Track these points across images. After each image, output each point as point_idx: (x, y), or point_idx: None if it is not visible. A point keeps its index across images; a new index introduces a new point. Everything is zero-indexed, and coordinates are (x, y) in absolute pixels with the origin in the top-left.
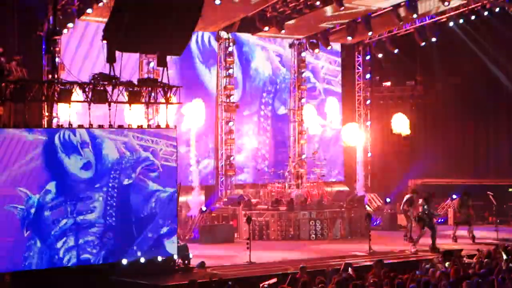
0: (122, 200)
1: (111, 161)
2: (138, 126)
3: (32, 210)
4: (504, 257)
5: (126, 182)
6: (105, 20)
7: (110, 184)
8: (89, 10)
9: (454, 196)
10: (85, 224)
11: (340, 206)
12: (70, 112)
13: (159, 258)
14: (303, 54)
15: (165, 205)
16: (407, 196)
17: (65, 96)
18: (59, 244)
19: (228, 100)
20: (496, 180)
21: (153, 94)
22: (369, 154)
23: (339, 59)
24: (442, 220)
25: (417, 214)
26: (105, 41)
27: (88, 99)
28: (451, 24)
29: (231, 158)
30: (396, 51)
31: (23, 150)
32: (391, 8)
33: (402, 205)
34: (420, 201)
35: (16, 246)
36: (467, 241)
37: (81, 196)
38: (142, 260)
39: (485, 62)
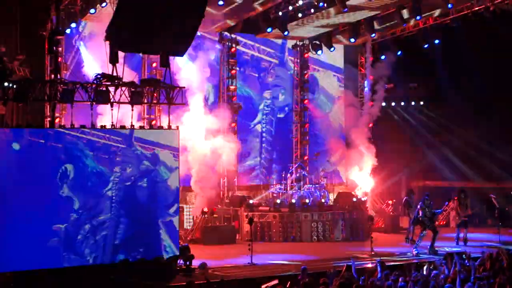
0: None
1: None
2: (140, 127)
3: None
4: None
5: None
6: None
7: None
8: (92, 11)
9: (455, 198)
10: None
11: (342, 208)
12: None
13: (161, 259)
14: (305, 55)
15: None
16: (404, 199)
17: (67, 96)
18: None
19: (231, 101)
20: (499, 183)
21: (155, 94)
22: (372, 156)
23: (341, 60)
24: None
25: (417, 217)
26: (107, 42)
27: (91, 100)
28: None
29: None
30: (399, 53)
31: None
32: (395, 9)
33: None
34: (419, 204)
35: None
36: (470, 243)
37: None
38: (144, 260)
39: (489, 64)
